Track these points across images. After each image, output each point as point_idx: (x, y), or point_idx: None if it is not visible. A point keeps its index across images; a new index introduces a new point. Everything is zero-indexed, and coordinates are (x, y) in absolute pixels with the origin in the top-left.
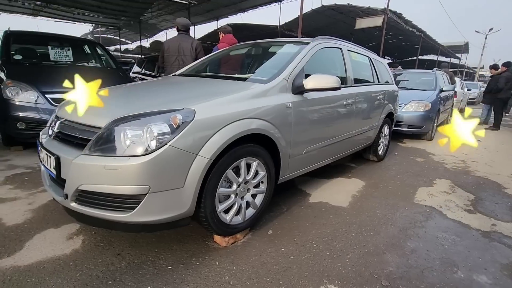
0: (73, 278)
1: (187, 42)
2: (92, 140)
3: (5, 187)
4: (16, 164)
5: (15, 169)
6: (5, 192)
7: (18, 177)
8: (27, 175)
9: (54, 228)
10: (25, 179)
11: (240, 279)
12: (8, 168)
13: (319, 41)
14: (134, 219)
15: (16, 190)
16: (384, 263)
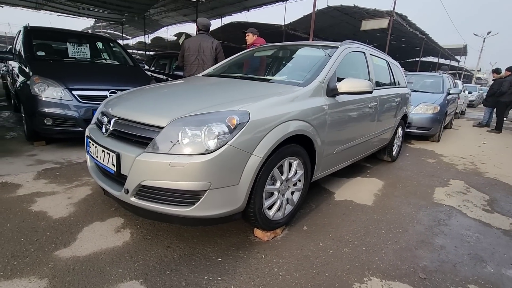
0: (132, 268)
1: (208, 42)
2: (155, 138)
3: (40, 182)
4: (43, 159)
5: (44, 164)
6: (42, 187)
7: (49, 172)
8: (57, 170)
9: (100, 221)
10: (57, 174)
11: (288, 271)
12: (38, 163)
13: (346, 45)
14: (194, 214)
15: (52, 184)
16: (417, 257)
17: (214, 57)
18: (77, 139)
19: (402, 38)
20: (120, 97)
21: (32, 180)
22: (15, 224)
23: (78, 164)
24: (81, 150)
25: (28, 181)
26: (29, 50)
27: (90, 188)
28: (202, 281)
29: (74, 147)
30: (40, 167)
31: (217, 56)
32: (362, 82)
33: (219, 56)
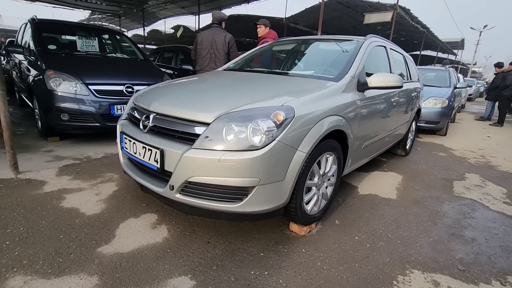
0: (177, 264)
1: (221, 35)
2: (202, 134)
3: (64, 178)
4: (61, 155)
5: (64, 160)
6: (67, 183)
7: (70, 168)
8: (78, 166)
9: (134, 218)
10: (78, 170)
11: (331, 264)
12: (56, 159)
13: (370, 39)
14: (242, 210)
15: (76, 181)
16: (452, 250)
17: (227, 51)
18: (90, 135)
19: (402, 31)
20: (152, 93)
21: (56, 177)
22: (50, 221)
23: (97, 160)
24: (97, 145)
25: (51, 177)
26: (40, 44)
27: (115, 184)
28: (250, 276)
29: (89, 142)
30: (60, 163)
31: (229, 50)
32: (392, 77)
33: (231, 51)
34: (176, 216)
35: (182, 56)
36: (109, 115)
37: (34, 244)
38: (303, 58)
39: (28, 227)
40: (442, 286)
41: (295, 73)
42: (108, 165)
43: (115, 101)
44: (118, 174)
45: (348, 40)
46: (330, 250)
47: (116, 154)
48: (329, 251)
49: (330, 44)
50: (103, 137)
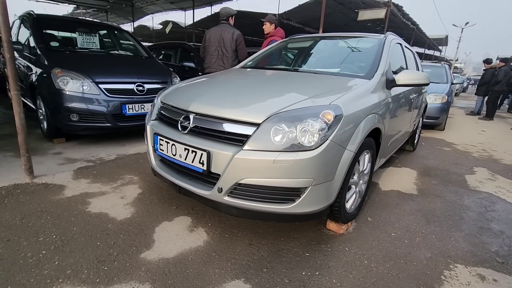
0: (227, 267)
1: (228, 32)
2: (253, 135)
3: (82, 182)
4: (72, 157)
5: (76, 163)
6: (87, 187)
7: (86, 171)
8: (93, 168)
9: (168, 221)
10: (94, 173)
11: (378, 262)
12: (68, 162)
13: (390, 36)
14: (295, 211)
15: (96, 184)
16: (485, 243)
17: (234, 49)
18: (96, 136)
19: (390, 28)
20: (186, 92)
21: (73, 180)
22: (81, 228)
23: (111, 161)
24: (107, 146)
25: (69, 181)
26: (42, 41)
27: (137, 186)
28: (302, 277)
29: (97, 143)
30: (73, 166)
31: (237, 48)
32: (419, 74)
33: (239, 48)
34: (210, 218)
35: (183, 53)
36: (121, 115)
37: (72, 253)
38: (326, 56)
39: (60, 234)
40: (488, 279)
41: (323, 71)
42: (124, 166)
43: (127, 100)
44: (137, 176)
45: (367, 37)
46: (372, 248)
47: (129, 155)
48: (371, 249)
49: (349, 42)
50: (110, 138)
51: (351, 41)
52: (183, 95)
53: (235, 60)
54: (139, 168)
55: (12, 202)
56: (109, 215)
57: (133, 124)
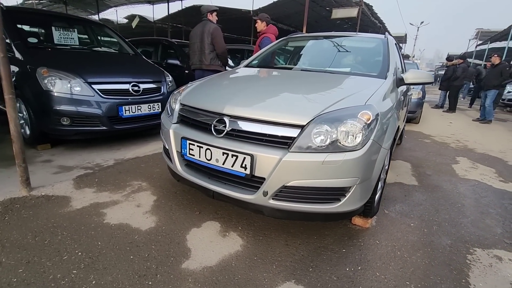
0: (273, 270)
1: (206, 27)
2: (299, 137)
3: (87, 191)
4: (65, 164)
5: (73, 171)
6: (95, 196)
7: (86, 179)
8: (93, 175)
9: (196, 228)
10: (97, 181)
11: (409, 252)
12: (63, 170)
13: (390, 37)
14: (340, 209)
15: (103, 193)
16: (490, 226)
17: (210, 43)
18: (84, 139)
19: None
20: (212, 93)
21: (76, 190)
22: (106, 242)
23: (111, 167)
24: (100, 151)
25: (71, 191)
26: (18, 36)
27: (150, 193)
28: (347, 273)
29: (88, 148)
30: (71, 175)
31: (213, 41)
32: (424, 73)
33: (215, 41)
34: (237, 221)
35: (164, 50)
36: (117, 117)
37: (107, 269)
38: (334, 56)
39: (85, 251)
40: (504, 259)
41: (338, 70)
42: (126, 172)
43: (122, 102)
44: (146, 182)
45: (367, 37)
46: (398, 239)
47: (128, 160)
48: (398, 240)
49: (351, 41)
50: (101, 142)
51: (354, 41)
52: (211, 97)
53: (210, 54)
54: (144, 173)
55: (15, 218)
56: (131, 225)
57: (130, 127)
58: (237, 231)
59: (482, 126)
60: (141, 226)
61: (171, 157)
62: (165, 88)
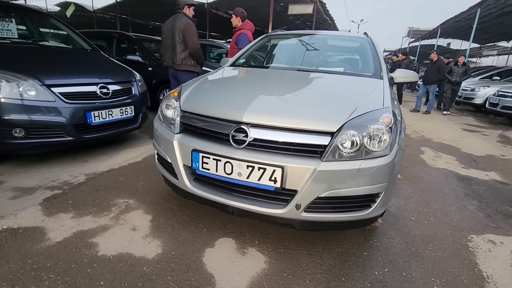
0: (307, 285)
1: (178, 22)
2: (332, 145)
3: (64, 218)
4: (22, 185)
5: (36, 193)
6: (76, 223)
7: (57, 202)
8: (64, 197)
9: (210, 248)
10: (70, 202)
11: (421, 247)
12: (23, 193)
13: (371, 37)
14: (371, 215)
15: (85, 217)
16: (474, 212)
17: (182, 40)
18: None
19: (308, 22)
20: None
21: (48, 218)
22: (110, 280)
23: (84, 184)
24: (62, 165)
25: (43, 219)
26: None
27: (142, 212)
28: (377, 277)
29: (45, 163)
30: (34, 198)
31: (184, 38)
32: (410, 72)
33: (186, 38)
34: (251, 235)
35: (120, 44)
36: (85, 125)
37: None
38: (322, 55)
39: None
40: (497, 243)
41: (332, 70)
42: (105, 189)
43: (90, 107)
44: (133, 199)
45: (349, 36)
46: (407, 234)
47: (102, 173)
48: (408, 235)
49: (335, 40)
50: (58, 154)
51: (338, 40)
52: (223, 103)
53: (182, 53)
54: (127, 189)
55: None
56: (133, 255)
57: (101, 135)
58: (255, 246)
59: (426, 117)
60: (146, 254)
61: (176, 172)
62: (136, 89)
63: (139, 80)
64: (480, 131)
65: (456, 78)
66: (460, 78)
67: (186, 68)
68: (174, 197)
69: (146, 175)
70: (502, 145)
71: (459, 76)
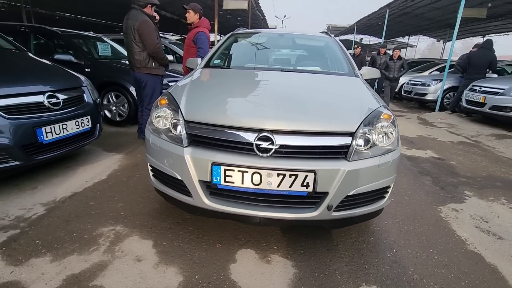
0: (342, 280)
1: (133, 21)
2: (354, 145)
3: (40, 263)
4: None
5: None
6: (63, 267)
7: (19, 246)
8: (25, 237)
9: (233, 263)
10: (39, 243)
11: (409, 224)
12: None
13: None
14: (384, 205)
15: (70, 257)
16: (430, 186)
17: (138, 40)
18: None
19: (238, 17)
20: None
21: (18, 268)
22: None
23: (46, 217)
24: (5, 197)
25: (12, 271)
26: None
27: (138, 237)
28: (391, 258)
29: None
30: None
31: (141, 38)
32: (374, 70)
33: (143, 39)
34: (267, 241)
35: (38, 41)
36: (36, 144)
37: None
38: (295, 54)
39: None
40: (459, 211)
41: (311, 69)
42: (77, 219)
43: (40, 121)
44: (119, 225)
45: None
46: (395, 215)
47: (64, 200)
48: (396, 216)
49: (303, 39)
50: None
51: (305, 39)
52: (237, 110)
53: (140, 54)
54: (106, 214)
55: None
56: None
57: (56, 154)
58: (276, 252)
59: None
60: (168, 285)
61: (190, 189)
62: (89, 96)
63: (89, 84)
64: (403, 115)
65: (394, 73)
66: (398, 74)
67: (146, 71)
68: (167, 215)
69: (121, 194)
70: (424, 126)
71: (396, 71)
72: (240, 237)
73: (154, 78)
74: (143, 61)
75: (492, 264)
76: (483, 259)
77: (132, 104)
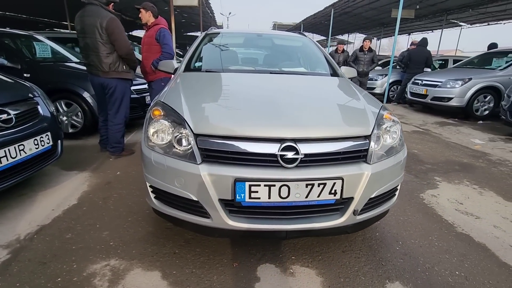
0: (366, 281)
1: (93, 18)
2: (371, 147)
3: None
4: None
5: None
6: None
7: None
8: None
9: (257, 282)
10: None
11: (406, 214)
12: None
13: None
14: (394, 203)
15: None
16: (408, 174)
17: (107, 41)
18: None
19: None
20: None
21: None
22: None
23: (13, 261)
24: None
25: None
26: None
27: (141, 269)
28: (400, 250)
29: None
30: None
31: (111, 39)
32: (351, 69)
33: (114, 39)
34: (283, 252)
35: None
36: None
37: None
38: (276, 55)
39: None
40: (436, 196)
41: (296, 71)
42: (56, 258)
43: None
44: (113, 258)
45: (289, 35)
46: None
47: (32, 236)
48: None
49: (280, 39)
50: None
51: (281, 39)
52: (255, 120)
53: (108, 57)
54: (91, 247)
55: None
56: None
57: (13, 183)
58: (296, 263)
59: None
60: None
61: (208, 210)
62: (45, 108)
63: (42, 94)
64: None
65: (364, 67)
66: (367, 68)
67: (116, 76)
68: (166, 238)
69: (103, 220)
70: None
71: (366, 65)
72: (254, 251)
73: (123, 83)
74: (112, 64)
75: (481, 243)
76: (473, 240)
77: (88, 112)
